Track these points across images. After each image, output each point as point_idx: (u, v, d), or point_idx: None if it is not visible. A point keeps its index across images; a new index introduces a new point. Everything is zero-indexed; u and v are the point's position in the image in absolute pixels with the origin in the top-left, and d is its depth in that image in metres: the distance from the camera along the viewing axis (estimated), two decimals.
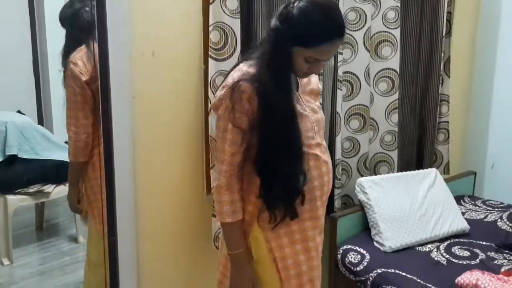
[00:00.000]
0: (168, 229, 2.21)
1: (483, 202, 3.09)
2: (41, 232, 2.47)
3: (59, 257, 2.27)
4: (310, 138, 1.67)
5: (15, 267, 2.17)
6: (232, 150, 1.60)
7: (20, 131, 2.30)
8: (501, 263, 2.41)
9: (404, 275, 2.31)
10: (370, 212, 2.58)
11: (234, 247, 1.68)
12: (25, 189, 2.30)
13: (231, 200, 1.64)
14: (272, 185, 1.61)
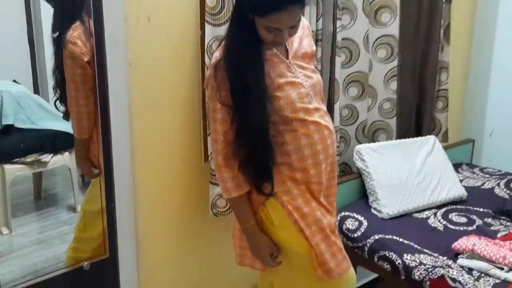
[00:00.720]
0: (166, 195, 2.21)
1: (481, 169, 3.10)
2: (39, 202, 2.46)
3: (58, 226, 2.27)
4: (307, 104, 1.66)
5: (14, 236, 2.17)
6: (224, 129, 1.63)
7: (16, 100, 2.28)
8: (498, 229, 2.43)
9: (401, 241, 2.33)
10: (368, 179, 2.59)
11: (245, 221, 1.73)
12: (22, 159, 2.29)
13: (232, 176, 1.67)
14: (243, 162, 1.65)
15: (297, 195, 1.70)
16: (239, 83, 1.57)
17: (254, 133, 1.60)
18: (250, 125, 1.58)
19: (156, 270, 2.27)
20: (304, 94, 1.66)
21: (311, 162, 1.68)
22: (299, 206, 1.71)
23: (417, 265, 2.18)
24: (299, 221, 1.70)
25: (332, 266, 1.72)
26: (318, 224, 1.72)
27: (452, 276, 2.07)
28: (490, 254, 2.09)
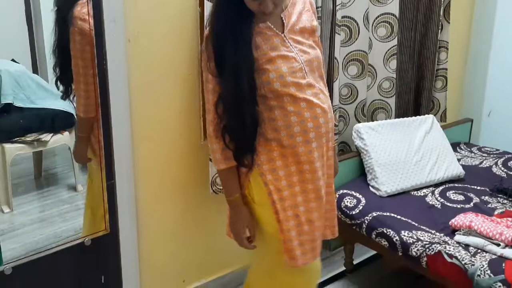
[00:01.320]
0: (165, 172, 2.23)
1: (479, 149, 3.12)
2: (40, 181, 2.47)
3: (59, 205, 2.28)
4: (299, 79, 1.65)
5: (16, 215, 2.19)
6: (215, 99, 1.63)
7: (15, 79, 2.27)
8: (495, 207, 2.45)
9: (399, 218, 2.35)
10: (366, 158, 2.60)
11: (230, 193, 1.74)
12: (22, 138, 2.30)
13: (221, 148, 1.67)
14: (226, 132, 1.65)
15: (282, 176, 1.70)
16: (222, 54, 1.57)
17: (235, 105, 1.60)
18: (232, 96, 1.59)
19: (156, 246, 2.30)
20: (297, 69, 1.64)
21: (300, 139, 1.67)
22: (281, 188, 1.70)
23: (415, 241, 2.20)
24: (277, 202, 1.70)
25: (297, 254, 1.72)
26: (294, 210, 1.72)
27: (449, 252, 2.10)
28: (487, 230, 2.12)
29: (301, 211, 1.72)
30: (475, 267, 2.01)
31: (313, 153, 1.70)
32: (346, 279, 2.74)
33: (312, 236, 1.75)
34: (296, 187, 1.71)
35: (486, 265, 1.99)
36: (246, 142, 1.65)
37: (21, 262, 1.91)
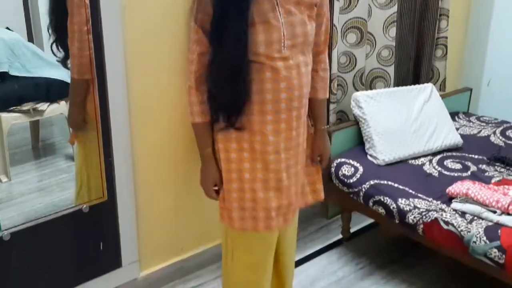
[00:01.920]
0: (163, 148, 2.22)
1: (477, 118, 3.11)
2: (37, 151, 2.46)
3: (57, 174, 2.28)
4: (275, 51, 1.63)
5: (14, 184, 2.19)
6: (199, 50, 1.64)
7: (10, 48, 2.24)
8: (492, 175, 2.45)
9: (396, 186, 2.36)
10: (364, 126, 2.59)
11: (202, 148, 1.79)
12: (19, 107, 2.29)
13: (199, 101, 1.69)
14: (211, 90, 1.66)
15: (233, 138, 1.71)
16: (222, 13, 1.56)
17: (230, 69, 1.60)
18: (226, 60, 1.58)
19: (154, 213, 2.30)
20: (275, 40, 1.62)
21: (256, 108, 1.67)
22: (229, 149, 1.73)
23: (411, 209, 2.21)
24: (222, 161, 1.75)
25: (234, 216, 1.76)
26: (239, 174, 1.74)
27: (445, 219, 2.11)
28: (483, 198, 2.12)
29: (246, 177, 1.74)
30: (471, 233, 2.02)
31: (267, 125, 1.69)
32: (343, 247, 2.76)
33: (254, 205, 1.75)
34: (245, 153, 1.72)
35: (482, 231, 2.01)
36: (236, 105, 1.65)
37: (19, 229, 1.92)
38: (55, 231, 2.01)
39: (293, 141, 1.75)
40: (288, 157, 1.75)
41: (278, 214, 1.78)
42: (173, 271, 2.44)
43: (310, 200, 1.95)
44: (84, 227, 2.08)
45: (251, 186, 1.74)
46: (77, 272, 2.12)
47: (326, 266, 2.60)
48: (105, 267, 2.19)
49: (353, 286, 2.45)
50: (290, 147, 1.75)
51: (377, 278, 2.51)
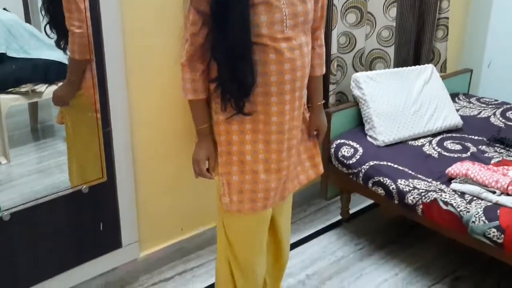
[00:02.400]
0: (162, 120, 2.22)
1: (478, 99, 3.10)
2: (36, 133, 2.46)
3: (56, 156, 2.28)
4: (277, 31, 1.61)
5: (13, 166, 2.19)
6: (193, 30, 1.62)
7: (7, 28, 2.22)
8: (492, 156, 2.45)
9: (396, 167, 2.35)
10: (364, 107, 2.59)
11: (197, 123, 1.77)
12: (17, 89, 2.27)
13: (192, 79, 1.68)
14: (220, 72, 1.63)
15: (235, 120, 1.69)
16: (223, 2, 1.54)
17: (235, 51, 1.58)
18: (232, 42, 1.56)
19: (154, 194, 2.31)
20: (277, 21, 1.60)
21: (260, 90, 1.65)
22: (231, 131, 1.71)
23: (411, 189, 2.22)
24: (224, 144, 1.73)
25: (233, 199, 1.75)
26: (240, 157, 1.73)
27: (445, 199, 2.11)
28: (483, 178, 2.12)
29: (247, 159, 1.72)
30: (470, 213, 2.03)
31: (270, 107, 1.68)
32: (342, 228, 2.78)
33: (255, 187, 1.74)
34: (247, 136, 1.70)
35: (481, 211, 2.01)
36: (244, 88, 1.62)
37: (19, 209, 1.92)
38: (55, 212, 2.02)
39: (295, 121, 1.75)
40: (290, 137, 1.75)
41: (276, 193, 1.79)
42: (173, 252, 2.46)
43: (311, 175, 1.95)
44: (84, 207, 2.09)
45: (252, 168, 1.73)
46: (77, 252, 2.13)
47: (326, 247, 2.61)
48: (105, 248, 2.20)
49: (352, 266, 2.46)
50: (292, 127, 1.75)
51: (376, 258, 2.52)
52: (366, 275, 2.41)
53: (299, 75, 1.68)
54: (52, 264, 2.06)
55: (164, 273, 2.41)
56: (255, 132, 1.71)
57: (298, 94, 1.71)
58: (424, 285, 2.34)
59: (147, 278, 2.38)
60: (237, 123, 1.70)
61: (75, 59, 2.00)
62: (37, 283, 2.04)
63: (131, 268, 2.33)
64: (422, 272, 2.43)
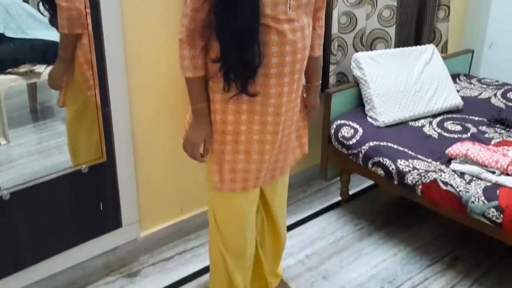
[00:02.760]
0: (161, 98, 2.21)
1: (478, 80, 3.08)
2: (35, 114, 2.45)
3: (56, 137, 2.28)
4: (281, 12, 1.58)
5: (13, 146, 2.18)
6: (194, 5, 1.57)
7: (5, 8, 2.20)
8: (492, 137, 2.44)
9: (396, 147, 2.35)
10: (364, 88, 2.57)
11: (195, 102, 1.71)
12: (15, 69, 2.26)
13: (192, 55, 1.63)
14: (225, 52, 1.58)
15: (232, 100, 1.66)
16: None
17: (243, 31, 1.53)
18: (240, 22, 1.52)
19: (153, 174, 2.31)
20: (281, 1, 1.56)
21: (260, 72, 1.62)
22: (227, 111, 1.68)
23: (410, 170, 2.22)
24: (219, 123, 1.70)
25: (225, 178, 1.74)
26: (234, 137, 1.71)
27: (444, 179, 2.11)
28: (483, 158, 2.12)
29: (241, 139, 1.71)
30: (470, 194, 2.03)
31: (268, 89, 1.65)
32: (342, 208, 2.78)
33: (247, 167, 1.73)
34: (243, 115, 1.68)
35: (481, 192, 2.01)
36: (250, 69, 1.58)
37: (19, 188, 1.92)
38: (55, 191, 2.02)
39: (292, 103, 1.74)
40: (286, 119, 1.74)
41: (267, 173, 1.79)
42: (173, 232, 2.47)
43: (298, 155, 1.94)
44: (84, 187, 2.09)
45: (246, 148, 1.72)
46: (78, 232, 2.13)
47: (325, 227, 2.62)
48: (106, 227, 2.21)
49: (351, 246, 2.48)
50: (289, 109, 1.74)
51: (376, 238, 2.54)
52: (365, 255, 2.42)
53: (300, 57, 1.65)
54: (53, 243, 2.07)
55: (164, 252, 2.43)
56: (251, 113, 1.68)
57: (298, 76, 1.69)
58: (422, 265, 2.35)
59: (147, 258, 2.39)
60: (233, 103, 1.67)
61: (64, 34, 1.97)
62: (38, 262, 2.05)
63: (132, 247, 2.34)
64: (421, 252, 2.44)
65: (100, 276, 2.27)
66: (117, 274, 2.29)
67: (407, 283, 2.25)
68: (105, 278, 2.27)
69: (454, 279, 2.27)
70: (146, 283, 2.25)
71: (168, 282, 2.25)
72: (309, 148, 1.99)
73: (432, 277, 2.28)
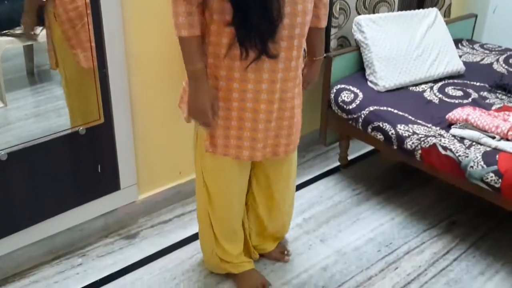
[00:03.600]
0: (159, 60, 2.18)
1: (481, 45, 3.04)
2: (32, 77, 2.43)
3: (53, 101, 2.26)
4: None
5: (10, 109, 2.17)
6: None
7: None
8: (493, 102, 2.42)
9: (396, 112, 2.33)
10: (366, 52, 2.54)
11: (193, 63, 1.59)
12: (11, 31, 2.23)
13: (188, 12, 1.52)
14: (244, 11, 1.47)
15: (224, 66, 1.59)
16: None
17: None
18: None
19: (151, 137, 2.31)
20: None
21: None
22: (218, 77, 1.62)
23: (410, 135, 2.21)
24: (223, 90, 1.64)
25: (218, 143, 1.71)
26: (227, 104, 1.65)
27: (444, 144, 2.10)
28: (483, 123, 2.11)
29: (233, 106, 1.65)
30: (469, 158, 2.02)
31: (279, 50, 1.58)
32: (340, 173, 2.79)
33: (240, 134, 1.69)
34: (235, 83, 1.61)
35: (480, 156, 2.01)
36: (271, 27, 1.50)
37: (16, 149, 1.92)
38: (52, 153, 2.01)
39: (291, 72, 1.65)
40: (284, 89, 1.66)
41: (265, 146, 1.73)
42: (171, 195, 2.48)
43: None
44: (82, 149, 2.08)
45: (239, 115, 1.66)
46: (76, 194, 2.14)
47: (324, 192, 2.63)
48: (104, 190, 2.21)
49: (349, 211, 2.49)
50: (288, 79, 1.65)
51: (373, 203, 2.54)
52: (362, 219, 2.43)
53: (299, 21, 1.57)
54: (51, 204, 2.08)
55: (163, 215, 2.44)
56: (244, 82, 1.61)
57: (297, 42, 1.60)
58: (419, 229, 2.37)
59: (146, 220, 2.40)
60: (226, 69, 1.60)
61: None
62: (37, 223, 2.06)
63: (130, 210, 2.35)
64: (418, 217, 2.45)
65: (99, 237, 2.29)
66: (116, 236, 2.31)
67: (404, 246, 2.26)
68: (103, 239, 2.28)
69: (450, 243, 2.28)
70: (145, 244, 2.26)
71: (166, 244, 2.27)
72: (309, 113, 1.98)
73: (428, 241, 2.29)
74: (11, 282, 2.05)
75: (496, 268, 2.15)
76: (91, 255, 2.20)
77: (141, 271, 2.12)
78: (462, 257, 2.21)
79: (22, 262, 2.10)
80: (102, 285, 2.05)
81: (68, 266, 2.14)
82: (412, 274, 2.12)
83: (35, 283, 2.05)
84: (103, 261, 2.17)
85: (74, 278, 2.08)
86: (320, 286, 2.05)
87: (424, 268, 2.15)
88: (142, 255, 2.20)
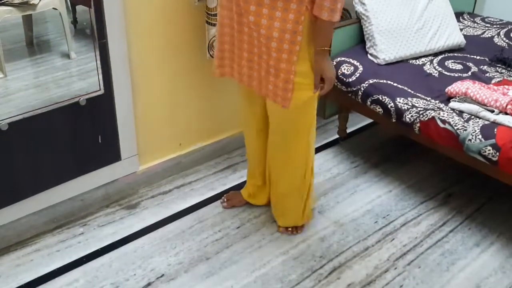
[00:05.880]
0: (158, 33, 2.18)
1: (482, 19, 3.02)
2: (32, 48, 2.41)
3: (53, 71, 2.25)
4: None
5: (9, 80, 2.16)
6: None
7: None
8: (493, 76, 2.43)
9: (395, 85, 2.34)
10: (366, 24, 2.53)
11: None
12: (10, 0, 2.20)
13: None
14: None
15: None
16: None
17: None
18: None
19: (152, 108, 2.31)
20: None
21: None
22: None
23: (409, 108, 2.21)
24: None
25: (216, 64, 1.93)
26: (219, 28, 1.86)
27: (443, 117, 2.11)
28: (482, 97, 2.11)
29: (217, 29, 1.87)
30: (467, 132, 2.04)
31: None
32: (339, 146, 2.80)
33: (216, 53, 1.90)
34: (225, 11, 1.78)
35: (478, 130, 2.02)
36: None
37: (16, 119, 1.92)
38: (53, 123, 2.02)
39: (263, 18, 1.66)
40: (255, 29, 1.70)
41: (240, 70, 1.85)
42: (172, 166, 2.49)
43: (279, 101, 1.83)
44: (82, 119, 2.09)
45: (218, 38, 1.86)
46: (77, 164, 2.15)
47: (322, 164, 2.65)
48: (105, 160, 2.23)
49: (347, 183, 2.51)
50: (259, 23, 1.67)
51: (371, 175, 2.57)
52: (360, 191, 2.46)
53: None
54: (52, 174, 2.10)
55: (163, 186, 2.47)
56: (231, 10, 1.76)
57: None
58: (416, 201, 2.40)
59: (146, 191, 2.43)
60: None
61: None
62: (38, 193, 2.08)
63: (131, 180, 2.38)
64: (416, 189, 2.48)
65: (100, 207, 2.32)
66: (117, 206, 2.34)
67: (401, 218, 2.30)
68: (104, 209, 2.31)
69: (447, 215, 2.32)
70: (146, 214, 2.29)
71: (167, 214, 2.30)
72: None
73: (425, 213, 2.33)
74: (13, 251, 2.08)
75: (491, 240, 2.19)
76: (92, 225, 2.23)
77: (142, 240, 2.16)
78: (458, 228, 2.25)
79: (25, 231, 2.13)
80: (103, 254, 2.08)
81: (70, 235, 2.17)
82: (408, 245, 2.15)
83: (37, 251, 2.09)
84: (104, 231, 2.20)
85: (75, 247, 2.12)
86: (318, 256, 2.09)
87: (420, 240, 2.18)
88: (142, 225, 2.23)
